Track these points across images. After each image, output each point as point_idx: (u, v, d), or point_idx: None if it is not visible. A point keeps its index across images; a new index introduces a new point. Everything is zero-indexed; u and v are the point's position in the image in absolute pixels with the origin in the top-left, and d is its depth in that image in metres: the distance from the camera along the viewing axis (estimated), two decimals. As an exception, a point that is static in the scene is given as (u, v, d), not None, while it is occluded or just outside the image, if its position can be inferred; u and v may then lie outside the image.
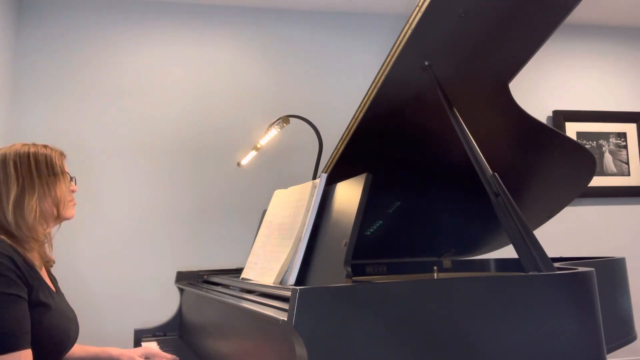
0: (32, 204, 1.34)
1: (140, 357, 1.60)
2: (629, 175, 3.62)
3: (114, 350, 1.61)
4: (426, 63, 1.44)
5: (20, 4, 3.05)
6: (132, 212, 3.04)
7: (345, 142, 1.79)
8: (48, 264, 1.46)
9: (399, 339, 0.93)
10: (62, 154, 1.47)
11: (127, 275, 2.97)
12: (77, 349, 1.58)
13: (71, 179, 1.48)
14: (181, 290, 2.12)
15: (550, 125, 2.28)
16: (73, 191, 1.48)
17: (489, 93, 1.61)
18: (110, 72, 3.12)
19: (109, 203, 3.02)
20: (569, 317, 1.02)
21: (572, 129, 3.59)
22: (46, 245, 1.44)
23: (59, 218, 1.42)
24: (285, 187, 1.67)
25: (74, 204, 1.48)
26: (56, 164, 1.42)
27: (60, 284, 1.56)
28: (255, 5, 3.32)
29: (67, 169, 1.47)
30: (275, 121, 2.32)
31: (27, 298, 1.25)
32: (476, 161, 1.28)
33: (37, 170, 1.38)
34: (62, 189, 1.41)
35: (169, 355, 1.63)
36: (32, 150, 1.40)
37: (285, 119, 2.28)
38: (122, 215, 3.02)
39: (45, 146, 1.44)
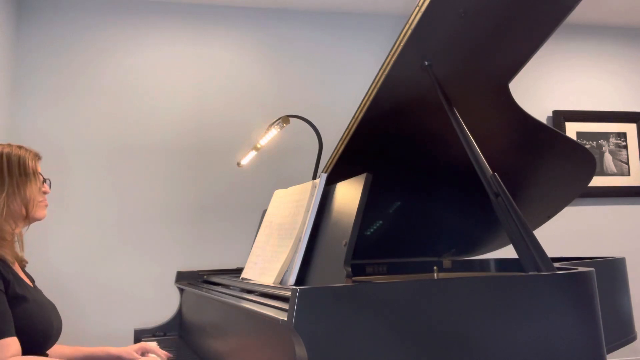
0: (0, 202, 1.35)
1: (137, 351, 1.61)
2: (629, 175, 3.61)
3: (112, 349, 1.63)
4: (426, 63, 1.44)
5: (20, 4, 3.05)
6: (132, 212, 3.04)
7: (345, 142, 1.78)
8: (21, 263, 1.48)
9: (399, 339, 0.93)
10: (36, 155, 1.49)
11: (127, 275, 2.97)
12: (71, 351, 1.59)
13: (44, 180, 1.49)
14: (181, 290, 2.12)
15: (550, 125, 2.28)
16: (45, 192, 1.49)
17: (489, 93, 1.61)
18: (110, 72, 3.12)
19: (109, 202, 3.01)
20: (569, 317, 1.02)
21: (572, 129, 3.59)
22: (16, 245, 1.45)
23: (28, 218, 1.43)
24: (285, 187, 1.67)
25: (46, 205, 1.49)
26: (28, 165, 1.43)
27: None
28: (255, 5, 3.32)
29: (40, 170, 1.48)
30: (275, 121, 2.32)
31: (4, 290, 1.28)
32: (476, 161, 1.28)
33: (8, 170, 1.39)
34: (32, 189, 1.43)
35: (163, 352, 1.64)
36: (5, 150, 1.42)
37: (285, 119, 2.28)
38: (122, 214, 3.02)
39: (20, 147, 1.45)
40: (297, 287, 0.91)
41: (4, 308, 1.25)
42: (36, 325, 1.33)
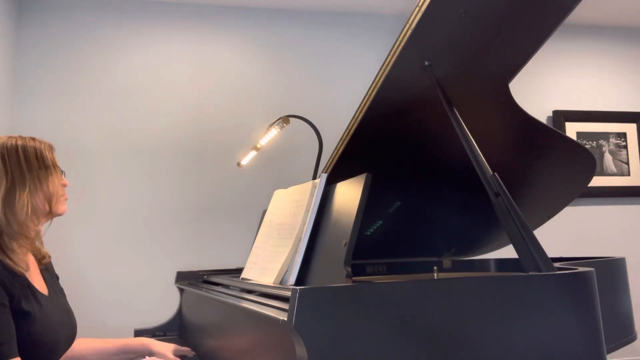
0: (23, 199, 1.27)
1: (171, 351, 1.59)
2: (629, 175, 3.61)
3: (147, 340, 1.62)
4: (426, 63, 1.43)
5: (20, 4, 3.05)
6: (131, 212, 3.04)
7: (345, 142, 1.78)
8: (43, 260, 1.41)
9: (399, 339, 0.93)
10: (51, 147, 1.39)
11: (127, 275, 2.97)
12: (101, 343, 1.57)
13: (61, 172, 1.41)
14: (181, 290, 2.12)
15: (550, 125, 2.28)
16: (65, 185, 1.40)
17: (489, 93, 1.61)
18: (110, 72, 3.12)
19: (108, 202, 3.01)
20: (569, 317, 1.02)
21: (572, 129, 3.58)
22: (37, 242, 1.38)
23: (51, 214, 1.35)
24: (285, 187, 1.67)
25: (66, 199, 1.40)
26: (47, 156, 1.34)
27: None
28: (256, 5, 3.32)
29: (57, 162, 1.39)
30: (275, 121, 2.32)
31: (9, 305, 1.20)
32: (476, 161, 1.28)
33: (27, 164, 1.30)
34: (54, 183, 1.34)
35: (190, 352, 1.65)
36: (20, 142, 1.32)
37: (285, 119, 2.28)
38: (122, 215, 3.02)
39: (33, 139, 1.36)
40: (297, 287, 0.91)
41: (6, 324, 1.18)
42: (41, 343, 1.26)
